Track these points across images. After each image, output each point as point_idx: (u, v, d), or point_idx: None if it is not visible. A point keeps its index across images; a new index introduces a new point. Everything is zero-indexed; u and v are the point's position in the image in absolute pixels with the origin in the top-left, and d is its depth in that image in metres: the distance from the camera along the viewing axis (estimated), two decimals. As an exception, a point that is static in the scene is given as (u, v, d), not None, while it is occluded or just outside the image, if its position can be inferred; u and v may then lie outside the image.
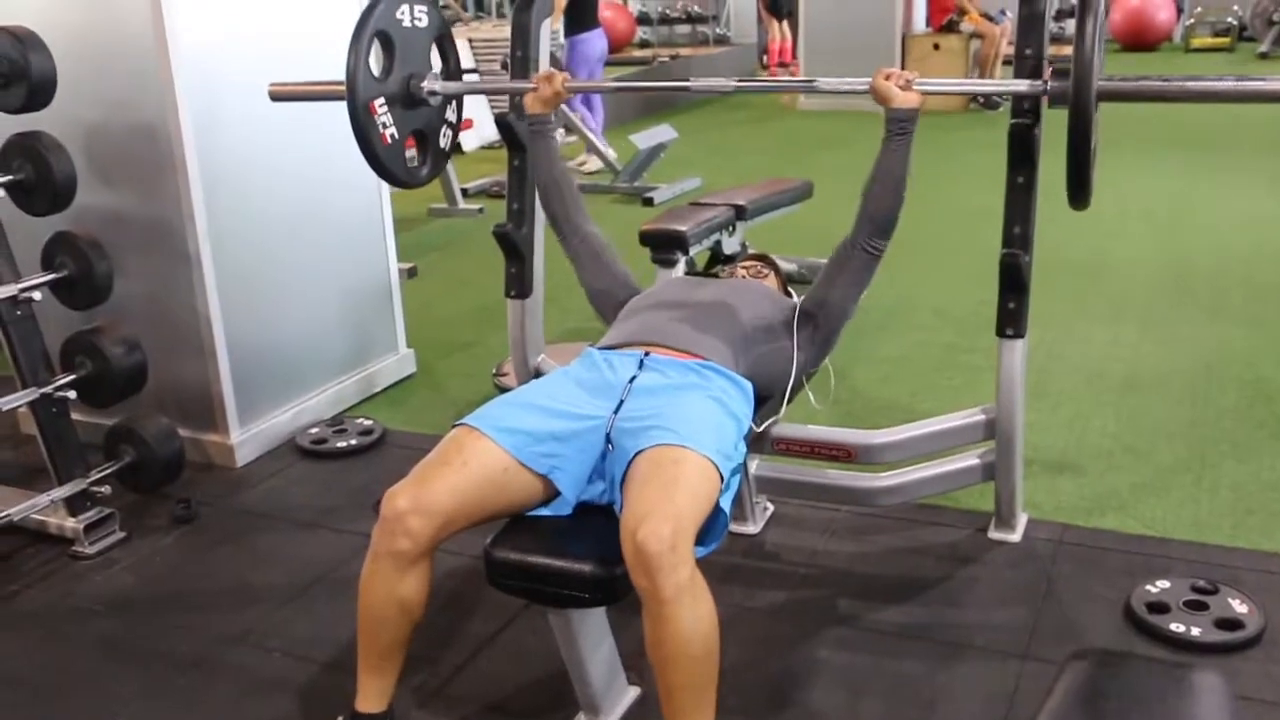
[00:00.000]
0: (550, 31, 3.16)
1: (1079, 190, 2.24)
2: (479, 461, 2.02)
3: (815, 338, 2.44)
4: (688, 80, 2.68)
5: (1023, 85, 2.38)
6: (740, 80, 2.59)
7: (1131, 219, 5.72)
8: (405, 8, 2.67)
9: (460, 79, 2.90)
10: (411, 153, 2.80)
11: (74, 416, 3.04)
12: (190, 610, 2.71)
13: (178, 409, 3.38)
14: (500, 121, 3.07)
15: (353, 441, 3.54)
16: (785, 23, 12.67)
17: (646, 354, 2.23)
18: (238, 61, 3.31)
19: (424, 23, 2.72)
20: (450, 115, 2.87)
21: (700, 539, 1.92)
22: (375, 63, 2.63)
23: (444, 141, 2.86)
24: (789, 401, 2.51)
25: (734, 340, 2.33)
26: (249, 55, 3.35)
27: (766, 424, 2.44)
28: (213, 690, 2.41)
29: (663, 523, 1.78)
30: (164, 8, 3.06)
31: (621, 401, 2.10)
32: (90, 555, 2.94)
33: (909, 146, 2.33)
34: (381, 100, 2.60)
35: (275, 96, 2.92)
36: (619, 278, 2.62)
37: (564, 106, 7.47)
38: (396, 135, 2.65)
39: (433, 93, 2.73)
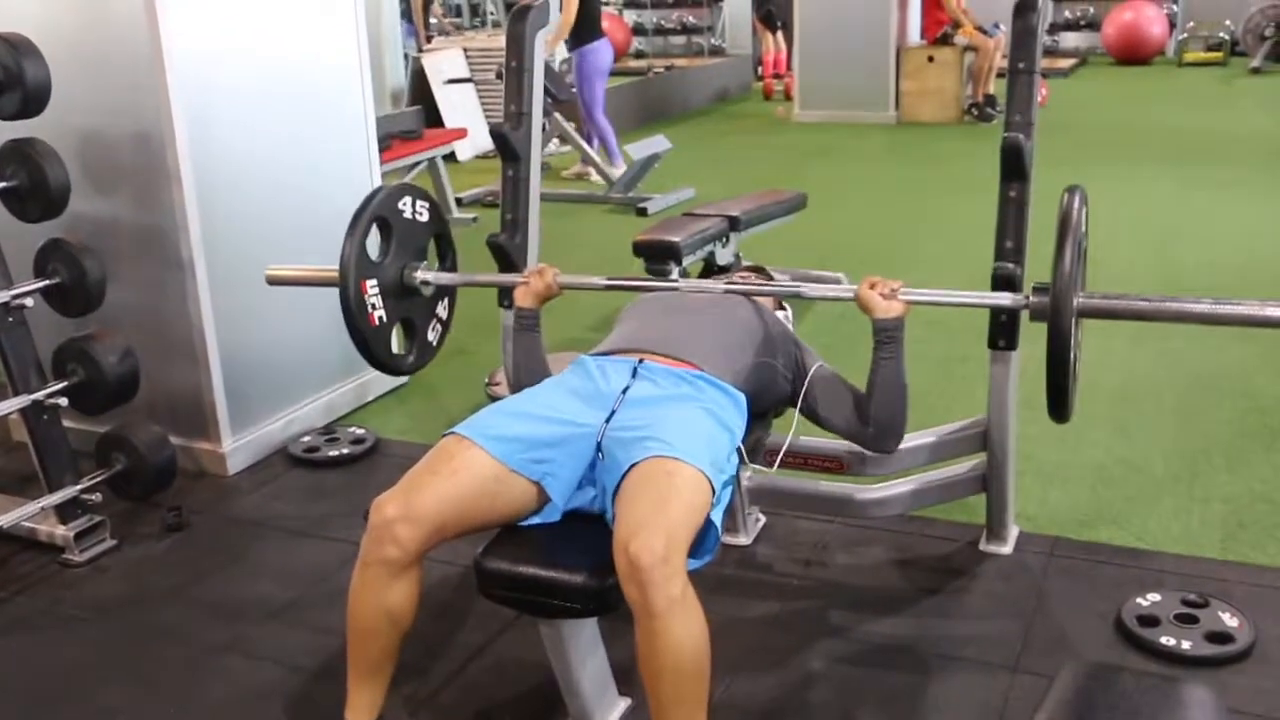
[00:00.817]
0: (546, 43, 3.16)
1: (1059, 406, 2.27)
2: (468, 470, 2.01)
3: (795, 395, 2.45)
4: (676, 281, 2.67)
5: (1005, 300, 2.44)
6: (728, 283, 2.57)
7: (1124, 230, 5.73)
8: (407, 200, 2.69)
9: (455, 271, 2.85)
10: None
11: (65, 424, 3.03)
12: (180, 618, 2.70)
13: (169, 416, 3.37)
14: (495, 133, 3.06)
15: (345, 450, 3.53)
16: (780, 35, 12.70)
17: (640, 361, 2.23)
18: (232, 69, 3.31)
19: (424, 218, 2.73)
20: (441, 311, 2.84)
21: (692, 551, 1.91)
22: (373, 247, 2.64)
23: (432, 336, 2.83)
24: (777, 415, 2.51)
25: (727, 350, 2.32)
26: (244, 63, 3.35)
27: (758, 440, 2.43)
28: (202, 699, 2.40)
29: (655, 536, 1.78)
30: (159, 16, 3.06)
31: (614, 411, 2.10)
32: (80, 563, 2.93)
33: (900, 354, 2.34)
34: (374, 282, 2.61)
35: (272, 281, 2.95)
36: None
37: (560, 119, 7.49)
38: (385, 319, 2.64)
39: (425, 283, 2.72)
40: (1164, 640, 2.37)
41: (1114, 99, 10.99)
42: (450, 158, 7.60)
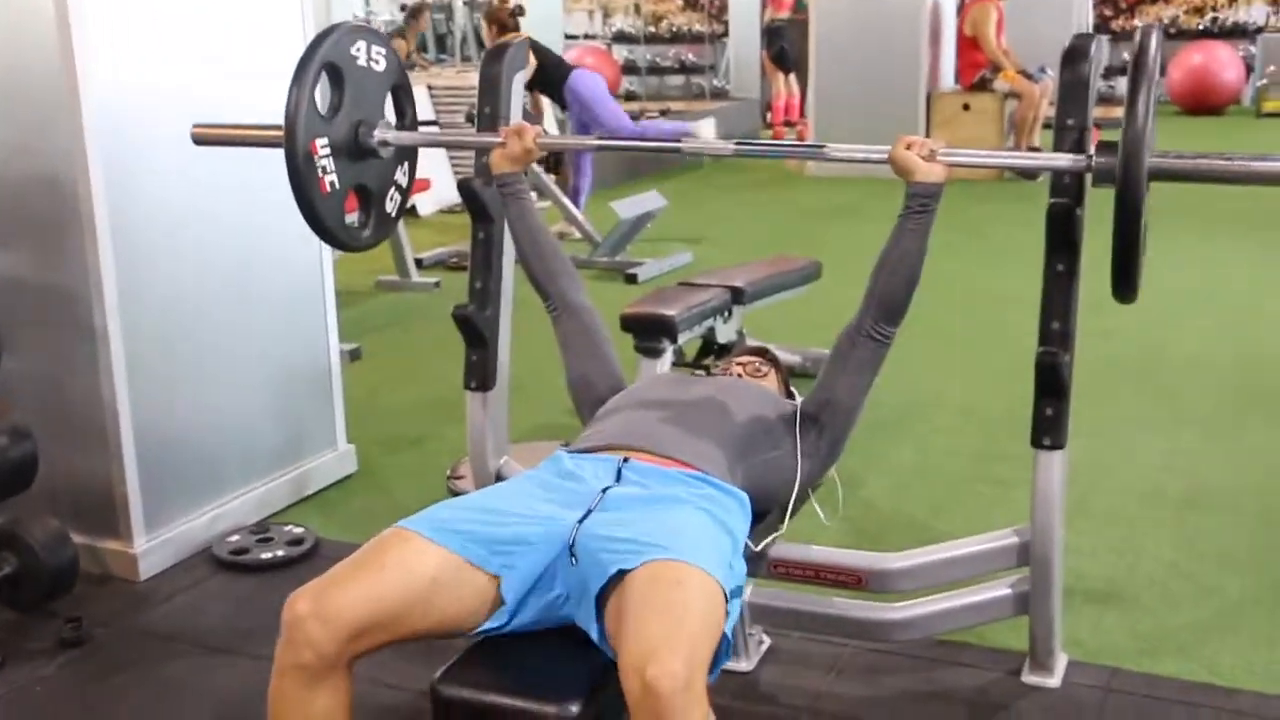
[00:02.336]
0: (524, 84, 3.22)
1: (1125, 282, 2.29)
2: (403, 566, 2.02)
3: (820, 443, 2.49)
4: (679, 141, 2.73)
5: (1064, 160, 2.44)
6: (739, 142, 2.64)
7: (1193, 308, 5.79)
8: (362, 44, 2.71)
9: (415, 128, 2.93)
10: (352, 217, 2.83)
11: (-51, 517, 3.03)
12: (77, 752, 2.68)
13: (72, 510, 3.36)
14: (463, 187, 3.09)
15: (279, 552, 3.53)
16: (793, 76, 12.91)
17: (625, 460, 2.25)
18: (161, 106, 3.34)
19: (381, 66, 2.76)
20: (401, 177, 2.90)
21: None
22: (321, 101, 2.66)
23: (390, 206, 2.89)
24: (792, 516, 2.53)
25: (728, 447, 2.35)
26: (174, 99, 3.39)
27: (765, 543, 2.46)
28: None
29: (675, 659, 1.77)
30: (75, 42, 3.09)
31: (590, 510, 2.11)
32: (-43, 685, 2.91)
33: (929, 225, 2.40)
34: (325, 141, 2.62)
35: (199, 140, 2.94)
36: (605, 366, 2.67)
37: (538, 171, 7.59)
38: (337, 185, 2.67)
39: (384, 143, 2.76)
40: (1241, 794, 2.37)
41: (1179, 156, 11.13)
42: (411, 212, 7.67)
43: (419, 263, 7.16)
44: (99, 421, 3.33)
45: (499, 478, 3.22)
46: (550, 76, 7.71)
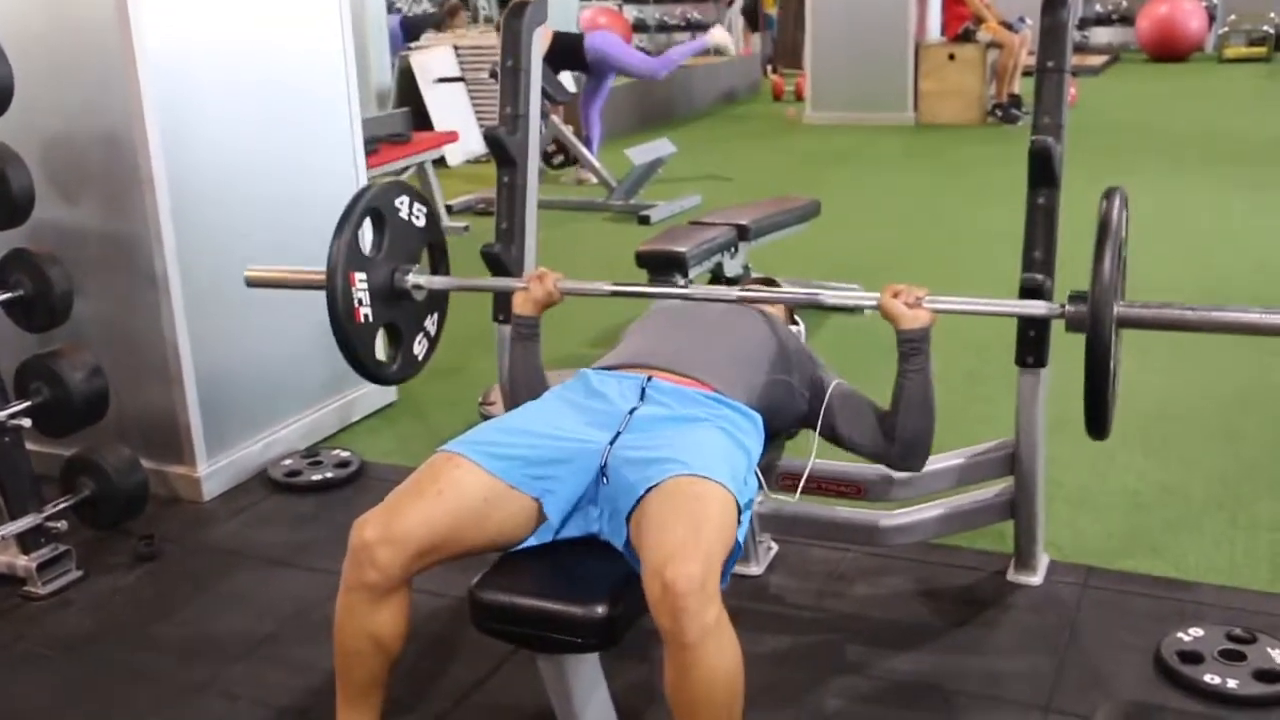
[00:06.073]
0: (544, 42, 3.18)
1: (1098, 423, 2.27)
2: (456, 489, 2.02)
3: (812, 415, 2.48)
4: (685, 286, 2.69)
5: (1039, 308, 2.43)
6: (743, 289, 2.60)
7: (1162, 236, 5.74)
8: (405, 199, 2.70)
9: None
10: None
11: (28, 446, 3.04)
12: (152, 655, 2.70)
13: (141, 439, 3.38)
14: (489, 137, 3.08)
15: (328, 474, 3.54)
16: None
17: (649, 379, 2.24)
18: (209, 68, 3.33)
19: (420, 223, 2.75)
20: (430, 325, 2.84)
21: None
22: (364, 242, 2.65)
23: (418, 349, 2.83)
24: (792, 437, 2.53)
25: (740, 367, 2.34)
26: (221, 61, 3.37)
27: (773, 458, 2.45)
28: (175, 741, 2.40)
29: (692, 562, 1.79)
30: (130, 9, 3.07)
31: (619, 432, 2.11)
32: (43, 595, 2.93)
33: (928, 366, 2.36)
34: (363, 276, 2.59)
35: (252, 283, 2.94)
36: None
37: (557, 122, 7.53)
38: (370, 318, 2.64)
39: (417, 286, 2.71)
40: (1208, 678, 2.37)
41: (1149, 98, 11.02)
42: (440, 162, 7.63)
43: (449, 209, 7.13)
44: (162, 358, 3.34)
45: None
46: (567, 45, 7.62)
